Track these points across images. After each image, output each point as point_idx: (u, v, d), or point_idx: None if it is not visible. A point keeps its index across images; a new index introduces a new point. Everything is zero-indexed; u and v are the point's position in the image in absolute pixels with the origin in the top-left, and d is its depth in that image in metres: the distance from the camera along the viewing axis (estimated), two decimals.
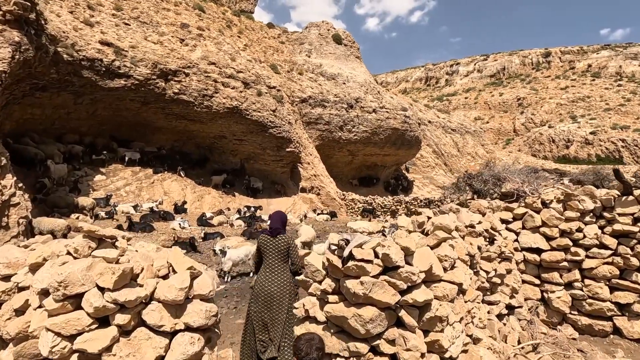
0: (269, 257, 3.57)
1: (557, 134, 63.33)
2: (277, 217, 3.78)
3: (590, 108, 68.87)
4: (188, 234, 11.03)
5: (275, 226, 3.67)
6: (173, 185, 16.03)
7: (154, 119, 16.96)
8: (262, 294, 3.47)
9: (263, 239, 3.65)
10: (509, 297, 4.34)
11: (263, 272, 3.57)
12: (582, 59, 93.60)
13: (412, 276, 2.70)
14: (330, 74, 26.91)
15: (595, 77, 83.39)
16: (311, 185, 20.71)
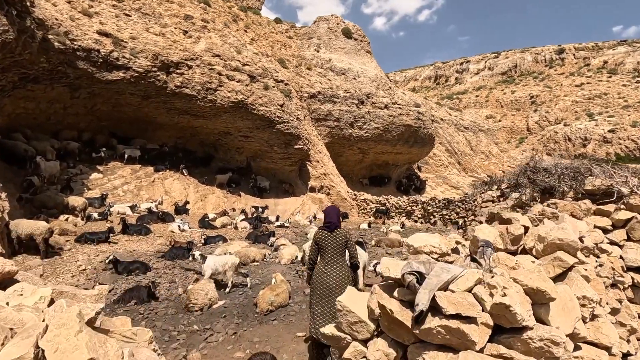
0: (327, 251, 3.61)
1: (574, 132, 61.30)
2: (333, 212, 3.78)
3: (607, 105, 66.70)
4: (187, 237, 10.05)
5: (333, 221, 3.68)
6: (175, 184, 15.12)
7: (155, 114, 16.08)
8: (320, 286, 3.55)
9: (321, 233, 3.67)
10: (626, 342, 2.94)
11: (322, 265, 3.63)
12: (598, 56, 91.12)
13: (555, 349, 1.50)
14: (340, 69, 25.83)
15: (611, 73, 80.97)
16: (321, 185, 19.66)
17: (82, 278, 6.62)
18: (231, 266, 6.19)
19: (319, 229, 3.79)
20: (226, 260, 6.22)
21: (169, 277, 6.85)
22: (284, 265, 7.73)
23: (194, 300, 5.31)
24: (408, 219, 16.91)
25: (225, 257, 6.36)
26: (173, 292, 6.19)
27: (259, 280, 6.71)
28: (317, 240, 3.67)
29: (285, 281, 5.76)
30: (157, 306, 5.53)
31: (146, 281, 6.54)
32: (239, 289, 6.27)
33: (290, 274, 7.05)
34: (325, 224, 3.70)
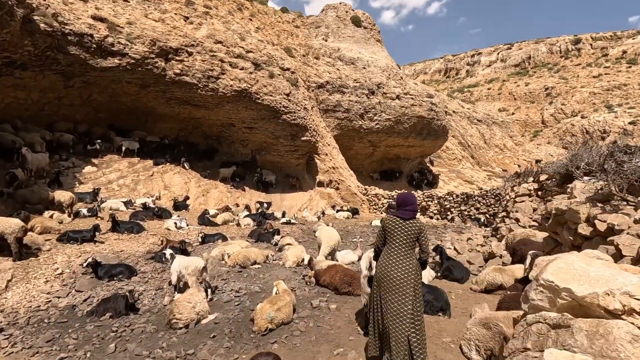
0: (396, 241, 3.27)
1: (592, 124, 59.15)
2: (410, 199, 3.40)
3: (627, 97, 64.16)
4: (184, 235, 9.17)
5: (408, 209, 3.33)
6: (175, 179, 14.28)
7: (155, 104, 15.23)
8: (384, 279, 3.27)
9: (391, 220, 3.33)
10: None
11: (386, 256, 3.30)
12: (616, 45, 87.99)
13: None
14: (349, 58, 24.69)
15: (631, 63, 77.96)
16: (329, 179, 18.66)
17: (57, 284, 5.77)
18: (194, 271, 5.28)
19: (389, 215, 3.46)
20: (188, 263, 5.34)
21: (156, 283, 5.96)
22: (288, 268, 6.78)
23: (178, 314, 4.39)
24: (423, 215, 15.83)
25: (188, 260, 5.48)
26: (158, 301, 5.29)
27: (259, 288, 5.77)
28: (387, 227, 3.32)
29: (288, 291, 4.80)
30: (136, 321, 4.63)
31: (130, 288, 5.65)
32: (235, 299, 5.32)
33: (296, 280, 6.10)
34: (400, 212, 3.30)
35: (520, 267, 4.74)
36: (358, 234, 11.25)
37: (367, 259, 3.89)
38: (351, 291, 5.17)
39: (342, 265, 5.79)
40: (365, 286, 3.85)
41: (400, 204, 3.39)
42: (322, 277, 5.62)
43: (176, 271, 5.12)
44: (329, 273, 5.56)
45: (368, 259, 3.87)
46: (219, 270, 6.54)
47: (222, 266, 6.82)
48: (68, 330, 4.38)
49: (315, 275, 5.77)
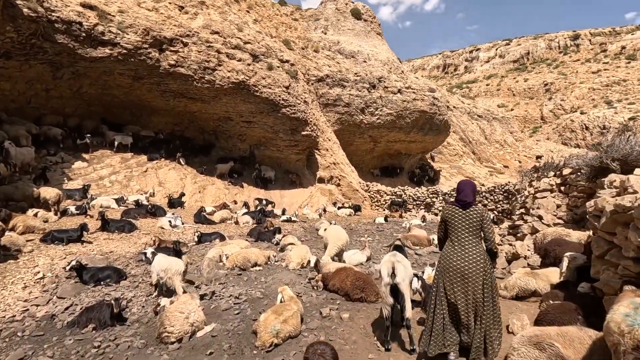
0: (458, 230, 3.14)
1: (591, 120, 58.96)
2: (468, 186, 3.26)
3: (627, 92, 63.91)
4: (179, 234, 8.61)
5: (467, 197, 3.19)
6: (170, 175, 13.69)
7: (149, 97, 14.59)
8: (451, 271, 3.09)
9: (451, 210, 3.21)
10: None
11: (450, 247, 3.17)
12: (615, 41, 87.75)
13: None
14: (349, 52, 24.07)
15: (630, 59, 77.71)
16: (330, 175, 18.12)
17: (37, 290, 5.20)
18: (175, 274, 4.84)
19: (448, 204, 3.33)
20: (168, 265, 4.84)
21: (147, 288, 5.41)
22: (292, 271, 6.24)
23: (169, 327, 3.84)
24: (427, 212, 15.33)
25: (167, 261, 5.00)
26: (149, 309, 4.73)
27: (261, 293, 5.23)
28: (446, 217, 3.23)
29: (295, 299, 4.26)
30: (122, 333, 4.08)
31: (118, 294, 5.10)
32: (234, 306, 4.78)
33: (301, 284, 5.56)
34: (458, 200, 3.22)
35: (555, 271, 4.23)
36: (362, 232, 10.73)
37: (389, 264, 3.36)
38: (364, 297, 4.64)
39: (353, 268, 5.26)
40: (387, 296, 3.32)
41: (458, 193, 3.31)
42: (331, 281, 5.09)
43: (155, 272, 4.62)
44: (338, 277, 5.02)
45: (390, 263, 3.34)
46: (216, 274, 6.00)
47: (220, 268, 6.27)
48: (43, 346, 3.82)
49: (323, 279, 5.24)
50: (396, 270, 3.28)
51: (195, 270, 6.24)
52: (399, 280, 3.26)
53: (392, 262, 3.33)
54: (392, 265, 3.30)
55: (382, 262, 3.51)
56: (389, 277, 3.30)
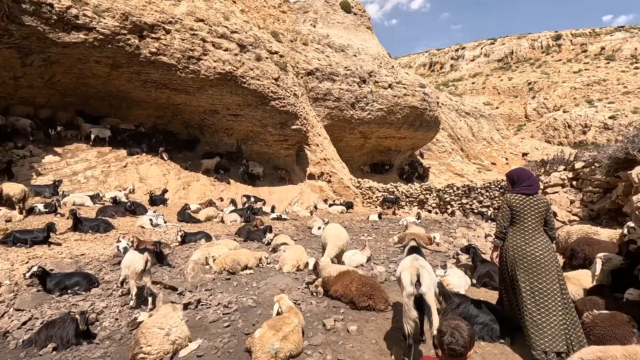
0: (525, 218, 3.10)
1: (573, 118, 60.22)
2: (527, 174, 3.22)
3: (607, 92, 65.52)
4: (161, 233, 7.90)
5: (533, 184, 3.18)
6: (152, 170, 12.86)
7: (128, 88, 13.69)
8: (522, 259, 3.03)
9: (517, 198, 3.15)
10: None
11: (519, 235, 3.10)
12: (595, 42, 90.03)
13: None
14: (339, 45, 23.52)
15: (609, 59, 79.83)
16: (321, 171, 17.55)
17: None
18: (132, 272, 4.29)
19: (510, 193, 3.26)
20: (130, 262, 4.31)
21: (122, 298, 4.72)
22: (287, 274, 5.66)
23: (146, 346, 3.21)
24: (421, 209, 14.95)
25: (131, 257, 4.42)
26: (124, 323, 4.07)
27: (253, 301, 4.63)
28: (514, 206, 3.15)
29: (295, 310, 3.68)
30: (89, 354, 3.42)
31: (87, 305, 4.42)
32: (223, 317, 4.17)
33: (298, 289, 4.98)
34: (523, 187, 3.17)
35: (586, 274, 3.79)
36: (357, 230, 10.22)
37: (412, 269, 2.81)
38: (372, 305, 4.10)
39: (357, 272, 4.71)
40: (411, 309, 2.77)
41: (517, 181, 3.23)
42: (333, 286, 4.52)
43: (126, 267, 4.05)
44: (341, 282, 4.47)
45: (414, 269, 2.80)
46: (202, 278, 5.36)
47: (206, 272, 5.63)
48: None
49: (323, 284, 4.67)
50: (422, 278, 2.74)
51: (179, 275, 5.59)
52: (424, 290, 2.73)
53: (415, 267, 2.80)
54: (417, 272, 2.76)
55: (403, 267, 2.97)
56: (412, 286, 2.76)
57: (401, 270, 2.94)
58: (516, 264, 3.04)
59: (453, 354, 1.82)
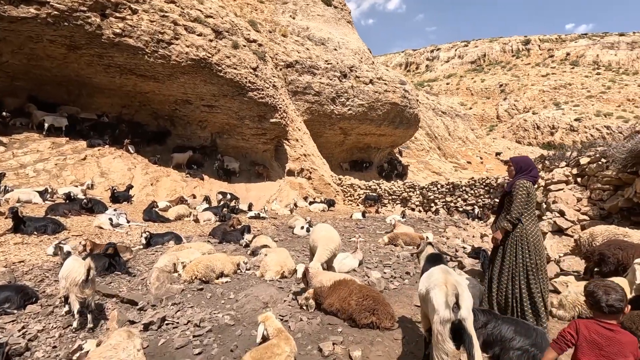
0: (533, 207, 3.25)
1: (542, 120, 62.66)
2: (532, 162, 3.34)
3: (572, 95, 68.61)
4: (123, 234, 6.92)
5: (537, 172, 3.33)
6: (115, 164, 11.66)
7: (89, 72, 12.36)
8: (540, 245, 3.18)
9: (530, 185, 3.21)
10: None
11: (535, 225, 3.20)
12: (561, 47, 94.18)
13: None
14: (319, 38, 22.80)
15: (574, 65, 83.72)
16: (300, 167, 16.80)
17: None
18: (72, 284, 3.49)
19: (525, 180, 3.19)
20: (69, 271, 3.50)
21: (67, 318, 3.81)
22: (270, 283, 4.90)
23: None
24: (404, 207, 14.53)
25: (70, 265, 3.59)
26: (63, 353, 3.19)
27: (231, 317, 3.85)
28: (530, 192, 3.17)
29: (285, 334, 2.94)
30: None
31: (16, 329, 3.50)
32: (194, 340, 3.37)
33: (284, 301, 4.24)
34: (534, 174, 3.23)
35: (622, 282, 3.30)
36: (341, 230, 9.57)
37: (448, 287, 2.15)
38: (376, 323, 3.43)
39: (355, 281, 4.03)
40: (447, 340, 2.11)
41: (524, 168, 3.26)
42: (327, 299, 3.82)
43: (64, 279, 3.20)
44: (337, 293, 3.77)
45: (452, 287, 2.14)
46: (169, 290, 4.50)
47: (173, 282, 4.78)
48: None
49: (315, 296, 3.95)
50: (461, 299, 2.09)
51: (141, 285, 4.70)
52: (465, 315, 2.08)
53: (452, 284, 2.14)
54: (455, 291, 2.10)
55: (432, 282, 2.29)
56: (449, 310, 2.09)
57: (430, 287, 2.27)
58: (535, 252, 3.11)
59: (614, 311, 1.79)
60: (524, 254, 3.11)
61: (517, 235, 3.13)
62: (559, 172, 5.94)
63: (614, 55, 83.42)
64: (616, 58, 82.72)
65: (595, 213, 5.11)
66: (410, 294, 4.40)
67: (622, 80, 70.91)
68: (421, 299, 2.47)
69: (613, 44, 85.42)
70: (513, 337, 2.65)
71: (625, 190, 4.88)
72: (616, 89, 67.03)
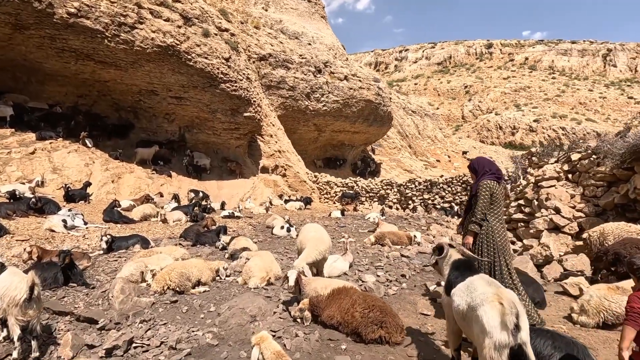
0: (499, 205, 3.25)
1: (504, 121, 65.58)
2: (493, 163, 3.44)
3: (531, 97, 72.41)
4: (79, 238, 6.07)
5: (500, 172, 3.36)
6: (70, 159, 10.50)
7: (39, 57, 11.08)
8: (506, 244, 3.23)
9: (494, 185, 3.24)
10: None
11: (500, 222, 3.23)
12: (520, 52, 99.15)
13: None
14: (293, 32, 22.21)
15: (532, 69, 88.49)
16: (275, 164, 16.18)
17: None
18: (11, 305, 2.80)
19: (489, 180, 3.24)
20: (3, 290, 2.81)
21: (5, 346, 3.08)
22: (255, 291, 4.35)
23: None
24: (381, 205, 14.35)
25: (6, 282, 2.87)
26: None
27: (214, 335, 3.28)
28: (494, 192, 3.21)
29: (285, 357, 2.44)
30: None
31: None
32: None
33: (275, 313, 3.72)
34: (494, 175, 3.27)
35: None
36: None
37: (506, 305, 1.75)
38: (385, 337, 3.00)
39: (355, 288, 3.59)
40: None
41: (486, 168, 3.33)
42: (326, 310, 3.35)
43: None
44: (337, 303, 3.31)
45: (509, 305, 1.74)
46: (136, 304, 3.84)
47: (142, 294, 4.11)
48: None
49: (312, 307, 3.47)
50: (521, 319, 1.70)
51: (101, 300, 3.99)
52: (526, 339, 1.70)
53: (509, 301, 1.74)
54: (515, 309, 1.70)
55: (480, 298, 1.88)
56: (506, 333, 1.69)
57: (476, 303, 1.87)
58: (502, 250, 3.15)
59: None
60: (489, 251, 3.15)
61: (483, 234, 3.17)
62: (549, 168, 5.85)
63: (567, 62, 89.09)
64: (569, 64, 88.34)
65: (590, 210, 5.00)
66: (412, 300, 4.03)
67: (575, 85, 75.82)
68: (459, 316, 2.07)
69: (566, 51, 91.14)
70: (552, 352, 2.31)
71: (620, 186, 4.80)
72: (570, 93, 71.58)
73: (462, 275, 2.21)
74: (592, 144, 5.41)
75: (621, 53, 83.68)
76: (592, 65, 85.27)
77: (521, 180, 6.45)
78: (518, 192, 6.21)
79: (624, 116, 61.92)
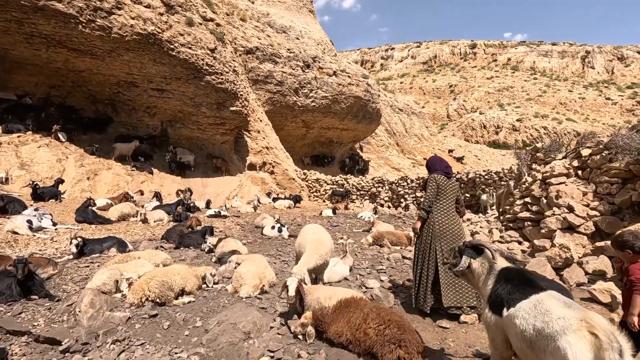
0: (447, 198, 3.66)
1: (488, 120, 66.52)
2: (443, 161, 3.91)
3: (514, 97, 73.75)
4: (45, 241, 5.42)
5: (450, 168, 3.83)
6: (41, 154, 9.68)
7: (5, 43, 10.21)
8: (448, 235, 3.54)
9: (442, 179, 3.70)
10: None
11: (444, 213, 3.62)
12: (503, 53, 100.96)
13: None
14: (281, 26, 21.59)
15: (514, 70, 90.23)
16: (262, 161, 15.60)
17: None
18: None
19: (436, 175, 3.72)
20: None
21: None
22: (247, 301, 3.84)
23: None
24: (372, 203, 13.99)
25: None
26: None
27: (201, 358, 2.77)
28: (440, 185, 3.65)
29: None
30: None
31: None
32: None
33: (272, 329, 3.23)
34: (443, 170, 3.75)
35: None
36: None
37: (601, 337, 1.33)
38: (405, 358, 2.56)
39: (365, 299, 3.13)
40: None
41: (437, 165, 3.81)
42: (332, 325, 2.89)
43: None
44: (346, 318, 2.86)
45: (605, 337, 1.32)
46: (107, 319, 3.27)
47: (115, 307, 3.55)
48: None
49: (315, 321, 3.00)
50: (626, 355, 1.29)
51: (67, 314, 3.41)
52: None
53: (606, 330, 1.33)
54: (616, 342, 1.28)
55: (561, 325, 1.45)
56: None
57: (555, 331, 1.43)
58: (438, 237, 3.51)
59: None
60: (427, 237, 3.56)
61: (427, 224, 3.59)
62: (558, 164, 5.54)
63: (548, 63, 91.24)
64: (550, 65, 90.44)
65: (605, 208, 4.71)
66: None
67: (555, 86, 77.60)
68: (524, 343, 1.64)
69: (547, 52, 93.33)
70: None
71: (637, 183, 4.50)
72: (551, 93, 73.23)
73: (521, 290, 1.79)
74: (604, 140, 5.12)
75: (599, 55, 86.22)
76: (572, 67, 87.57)
77: (526, 177, 6.16)
78: (524, 189, 5.90)
79: (602, 116, 63.82)
